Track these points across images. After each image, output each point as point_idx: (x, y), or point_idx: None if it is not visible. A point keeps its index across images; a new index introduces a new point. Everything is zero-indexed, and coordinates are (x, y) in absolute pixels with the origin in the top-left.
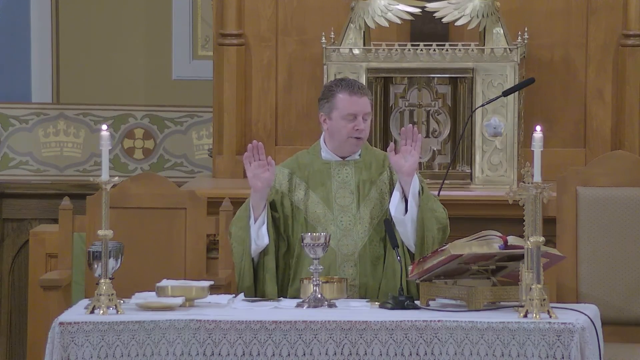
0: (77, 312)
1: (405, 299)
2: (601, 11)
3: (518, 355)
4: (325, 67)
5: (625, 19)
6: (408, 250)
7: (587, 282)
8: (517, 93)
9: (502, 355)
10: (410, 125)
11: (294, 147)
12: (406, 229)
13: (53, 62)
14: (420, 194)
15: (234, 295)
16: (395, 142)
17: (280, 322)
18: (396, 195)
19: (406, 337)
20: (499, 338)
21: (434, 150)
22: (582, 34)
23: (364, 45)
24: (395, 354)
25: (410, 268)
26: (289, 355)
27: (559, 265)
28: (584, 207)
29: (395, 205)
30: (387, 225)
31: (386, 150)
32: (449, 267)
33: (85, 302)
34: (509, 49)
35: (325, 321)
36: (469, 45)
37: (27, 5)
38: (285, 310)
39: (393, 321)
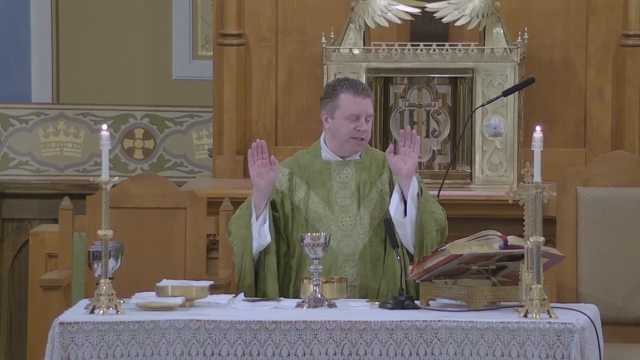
0: (77, 312)
1: (405, 299)
2: (601, 11)
3: (518, 355)
4: (325, 67)
5: (625, 19)
6: (407, 251)
7: (587, 282)
8: (517, 93)
9: (502, 355)
10: (409, 127)
11: (294, 147)
12: (405, 231)
13: (53, 62)
14: (419, 196)
15: (234, 295)
16: (395, 142)
17: (280, 322)
18: (395, 197)
19: (406, 337)
20: (499, 338)
21: (434, 150)
22: (582, 34)
23: (364, 45)
24: (395, 354)
25: (410, 268)
26: (289, 355)
27: (559, 265)
28: (584, 207)
29: (394, 207)
30: (387, 225)
31: (385, 152)
32: (449, 267)
33: (85, 302)
34: (509, 49)
35: (325, 321)
36: (469, 45)
37: (27, 6)
38: (285, 310)
39: (393, 321)
